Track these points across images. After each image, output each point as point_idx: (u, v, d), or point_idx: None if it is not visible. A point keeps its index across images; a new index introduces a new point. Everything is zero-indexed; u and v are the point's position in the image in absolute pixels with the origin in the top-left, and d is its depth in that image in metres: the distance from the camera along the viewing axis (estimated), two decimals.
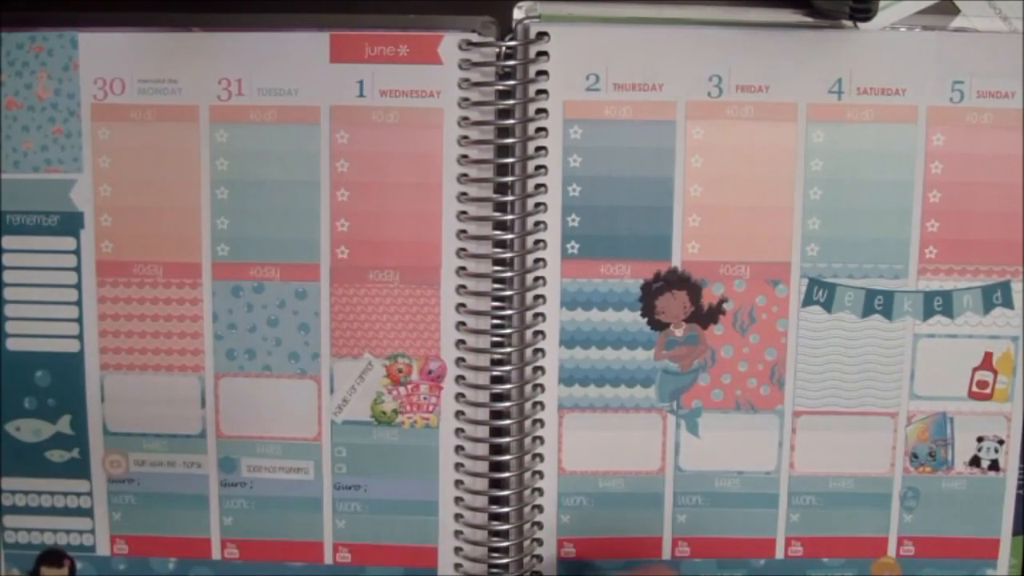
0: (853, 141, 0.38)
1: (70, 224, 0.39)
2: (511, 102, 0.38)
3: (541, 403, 0.39)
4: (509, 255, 0.38)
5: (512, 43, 0.37)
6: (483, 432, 0.39)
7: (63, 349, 0.39)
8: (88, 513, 0.40)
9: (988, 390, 0.40)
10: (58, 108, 0.38)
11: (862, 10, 0.36)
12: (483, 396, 0.39)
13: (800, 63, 0.38)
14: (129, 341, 0.39)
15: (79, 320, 0.39)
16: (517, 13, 0.38)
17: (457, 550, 0.40)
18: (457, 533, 0.40)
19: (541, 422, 0.39)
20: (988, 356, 0.40)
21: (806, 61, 0.38)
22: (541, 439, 0.39)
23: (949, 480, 0.40)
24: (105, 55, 0.38)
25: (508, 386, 0.39)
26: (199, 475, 0.40)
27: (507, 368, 0.39)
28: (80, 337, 0.39)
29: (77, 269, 0.39)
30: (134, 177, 0.38)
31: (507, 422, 0.39)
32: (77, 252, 0.39)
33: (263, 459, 0.40)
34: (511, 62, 0.37)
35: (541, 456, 0.40)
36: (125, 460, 0.40)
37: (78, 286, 0.39)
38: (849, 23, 0.38)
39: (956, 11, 0.38)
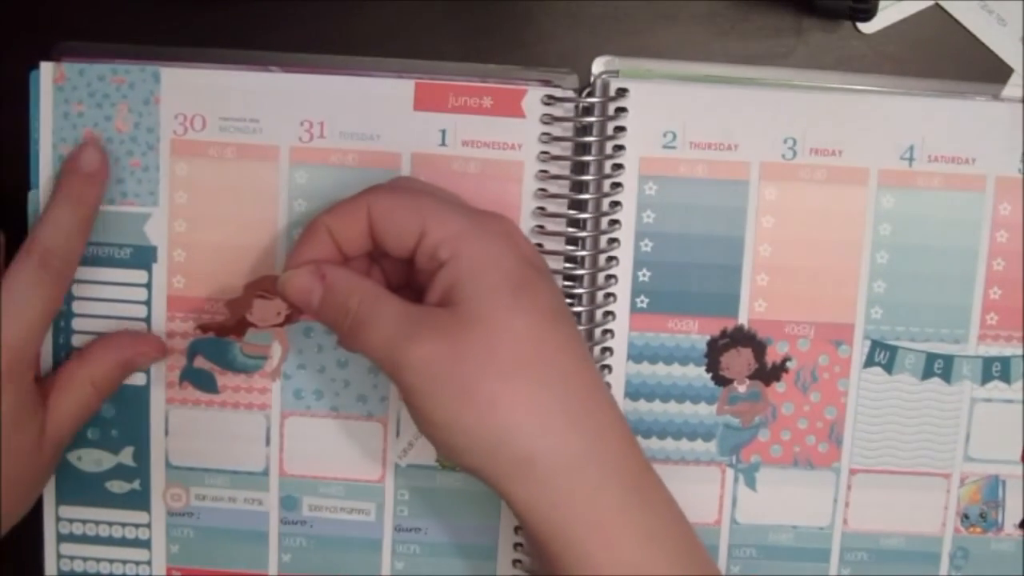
0: (922, 207, 0.39)
1: (143, 257, 0.39)
2: (589, 157, 0.38)
3: None
4: (579, 309, 0.38)
5: (592, 99, 0.38)
6: None
7: (129, 381, 0.39)
8: (146, 545, 0.40)
9: None
10: (137, 141, 0.38)
11: (862, 10, 0.37)
12: None
13: (873, 129, 0.39)
14: None
15: None
16: (596, 66, 0.38)
17: None
18: None
19: None
20: None
21: (879, 127, 0.39)
22: None
23: (999, 542, 0.41)
24: (187, 91, 0.38)
25: None
26: (260, 512, 0.40)
27: None
28: (147, 370, 0.39)
29: (147, 303, 0.39)
30: (210, 214, 0.38)
31: None
32: (148, 286, 0.39)
33: (325, 499, 0.40)
34: (590, 118, 0.38)
35: None
36: (186, 494, 0.40)
37: (147, 319, 0.39)
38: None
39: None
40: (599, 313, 0.39)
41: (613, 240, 0.39)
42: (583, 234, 0.38)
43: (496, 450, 0.30)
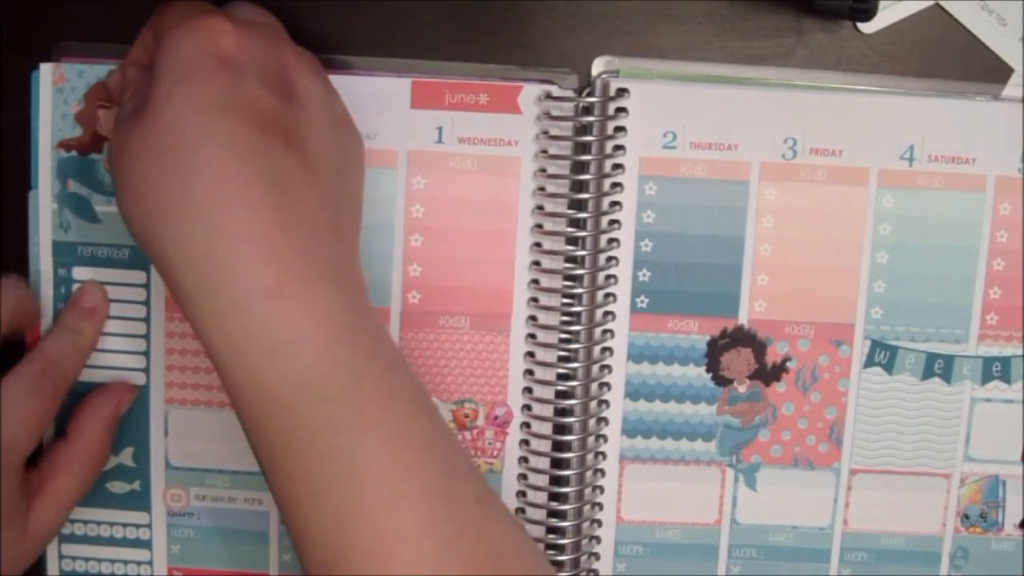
0: (922, 207, 0.39)
1: (141, 258, 0.39)
2: (588, 157, 0.38)
3: (603, 453, 0.40)
4: (579, 309, 0.38)
5: (591, 99, 0.38)
6: (544, 480, 0.39)
7: (129, 382, 0.39)
8: (147, 545, 0.40)
9: None
10: None
11: (862, 10, 0.37)
12: (546, 445, 0.39)
13: (873, 129, 0.39)
14: (195, 377, 0.39)
15: (146, 354, 0.39)
16: (596, 66, 0.38)
17: None
18: None
19: (602, 472, 0.40)
20: None
21: (879, 127, 0.39)
22: (601, 488, 0.40)
23: (999, 541, 0.41)
24: None
25: (571, 437, 0.39)
26: (260, 511, 0.40)
27: (571, 419, 0.39)
28: (147, 371, 0.39)
29: (146, 303, 0.39)
30: None
31: (568, 472, 0.39)
32: (147, 286, 0.39)
33: None
34: (590, 117, 0.38)
35: (600, 505, 0.40)
36: (186, 494, 0.40)
37: (147, 320, 0.39)
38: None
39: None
40: (599, 313, 0.39)
41: (613, 240, 0.39)
42: (583, 234, 0.38)
43: (151, 243, 0.30)
